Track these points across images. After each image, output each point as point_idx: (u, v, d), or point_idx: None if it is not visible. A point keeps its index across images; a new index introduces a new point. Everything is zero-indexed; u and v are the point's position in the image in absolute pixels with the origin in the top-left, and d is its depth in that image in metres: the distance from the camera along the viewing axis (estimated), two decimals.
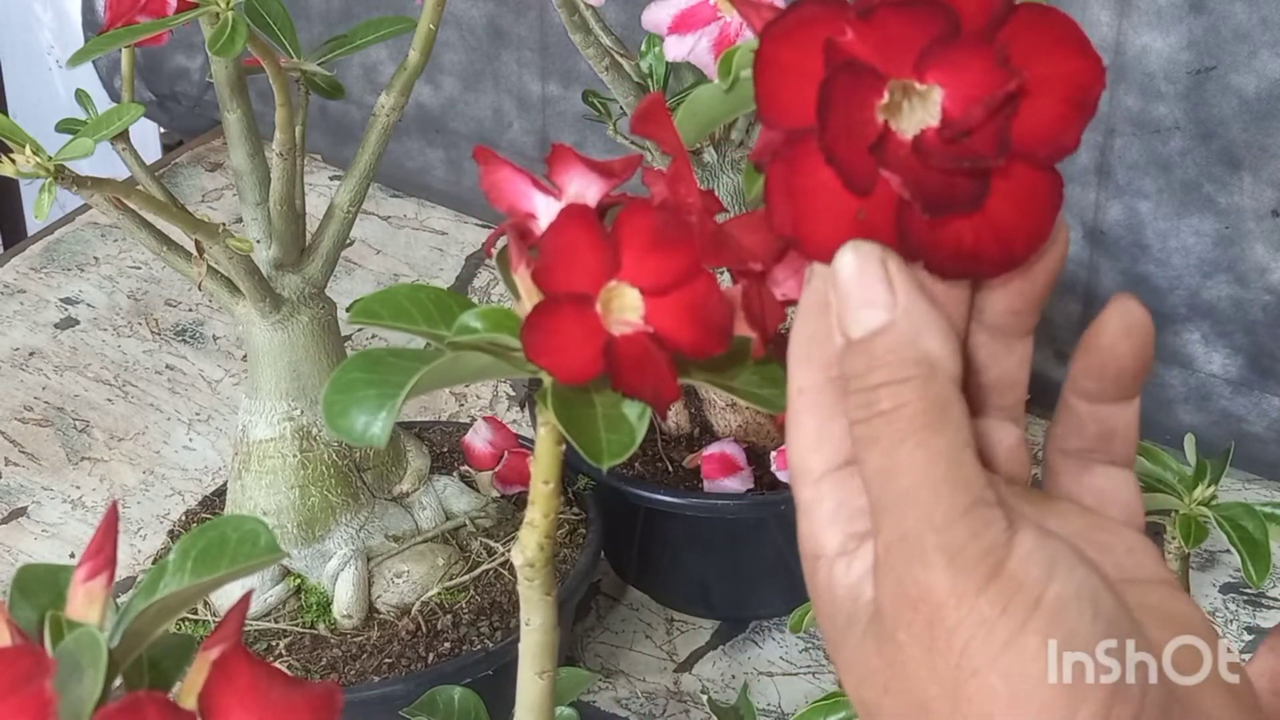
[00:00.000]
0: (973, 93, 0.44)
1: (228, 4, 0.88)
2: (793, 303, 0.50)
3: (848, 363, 0.45)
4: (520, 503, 1.19)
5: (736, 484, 1.20)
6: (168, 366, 1.56)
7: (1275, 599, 1.29)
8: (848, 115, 0.44)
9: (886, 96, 0.44)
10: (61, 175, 0.88)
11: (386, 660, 1.09)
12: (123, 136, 1.00)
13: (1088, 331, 0.48)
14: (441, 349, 0.49)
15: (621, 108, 1.14)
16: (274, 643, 1.10)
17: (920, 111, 0.45)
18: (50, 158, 0.87)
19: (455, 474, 1.21)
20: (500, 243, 0.52)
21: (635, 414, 0.49)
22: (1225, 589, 1.30)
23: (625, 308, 0.48)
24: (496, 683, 1.05)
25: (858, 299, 0.45)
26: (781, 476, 1.18)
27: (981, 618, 0.42)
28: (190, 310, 1.63)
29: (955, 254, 0.45)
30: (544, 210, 0.51)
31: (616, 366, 0.47)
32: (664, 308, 0.47)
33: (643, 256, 0.47)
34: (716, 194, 1.16)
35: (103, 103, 0.97)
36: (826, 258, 0.45)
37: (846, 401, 0.45)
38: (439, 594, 1.12)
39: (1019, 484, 0.49)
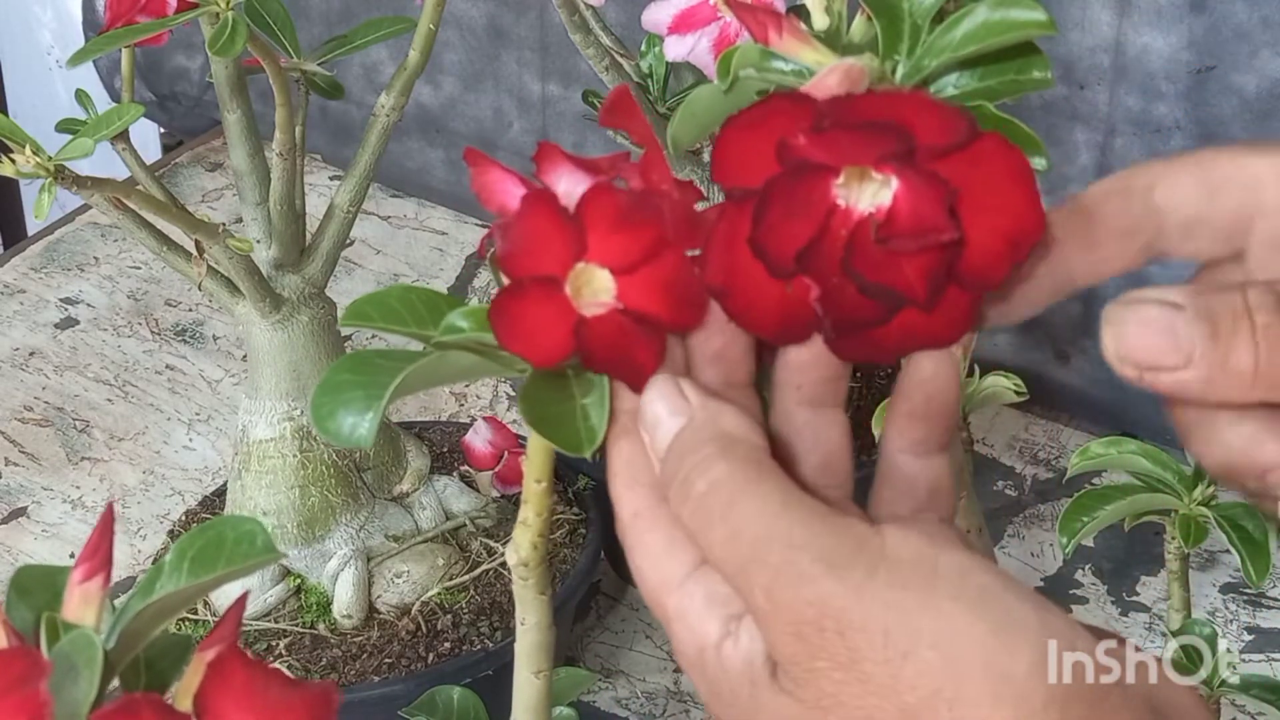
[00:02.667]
0: (920, 207, 0.45)
1: (228, 4, 0.88)
2: None
3: (663, 473, 0.47)
4: (520, 503, 1.19)
5: None
6: (168, 366, 1.56)
7: (1275, 599, 1.29)
8: (792, 204, 0.45)
9: (843, 178, 0.46)
10: (61, 175, 0.88)
11: (386, 660, 1.09)
12: (123, 136, 1.00)
13: (897, 383, 0.49)
14: (430, 349, 0.48)
15: None
16: (274, 643, 1.10)
17: (880, 192, 0.46)
18: (50, 158, 0.87)
19: (455, 474, 1.20)
20: (494, 243, 0.52)
21: (596, 405, 0.49)
22: (1225, 589, 1.30)
23: (598, 290, 0.47)
24: (496, 683, 1.05)
25: (659, 417, 0.47)
26: None
27: (887, 601, 0.42)
28: (190, 310, 1.63)
29: (861, 342, 0.47)
30: None
31: (588, 346, 0.47)
32: (635, 285, 0.47)
33: (608, 236, 0.47)
34: (716, 195, 1.16)
35: (103, 103, 0.97)
36: (746, 321, 0.47)
37: (672, 510, 0.46)
38: (439, 594, 1.12)
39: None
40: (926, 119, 0.44)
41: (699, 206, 0.50)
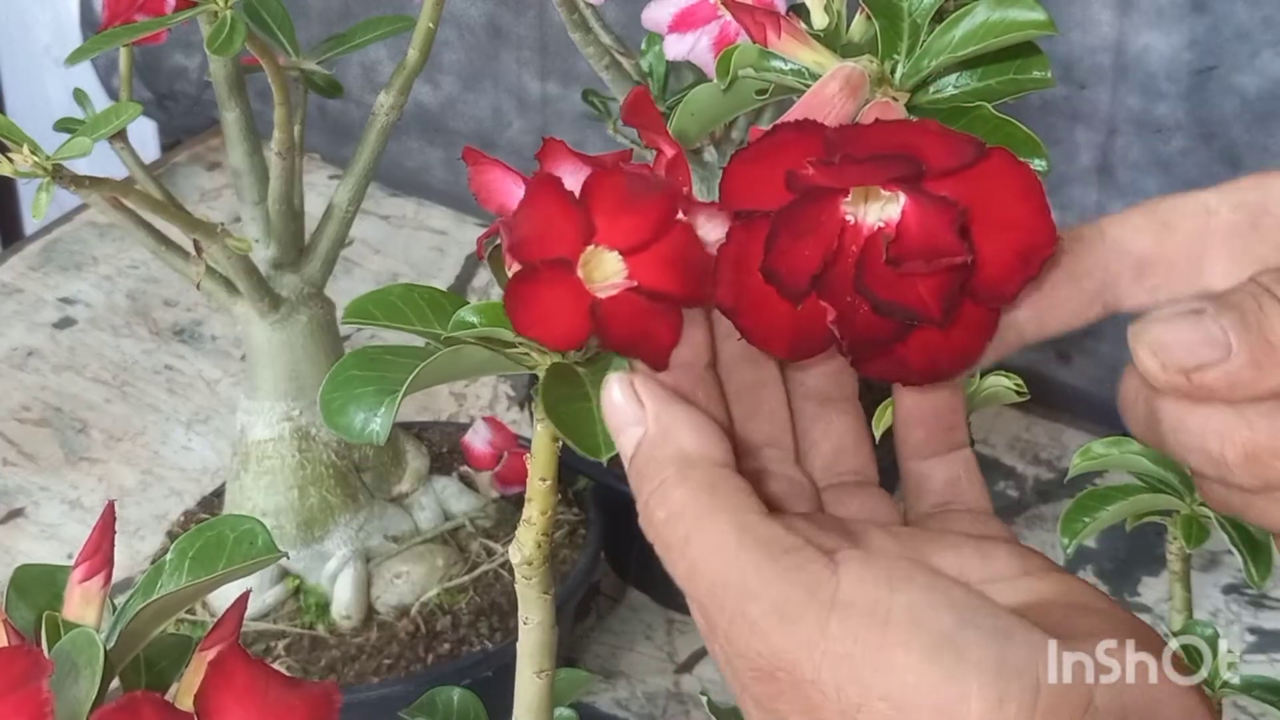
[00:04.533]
0: (929, 227, 0.45)
1: (226, 2, 0.88)
2: None
3: (632, 487, 0.46)
4: (520, 503, 1.19)
5: None
6: (166, 367, 1.56)
7: (1277, 600, 1.29)
8: (801, 225, 0.45)
9: (851, 195, 0.45)
10: (59, 174, 0.87)
11: (385, 661, 1.09)
12: (121, 135, 1.00)
13: (894, 391, 0.49)
14: (439, 346, 0.48)
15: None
16: (273, 644, 1.10)
17: (887, 206, 0.45)
18: (48, 157, 0.87)
19: (455, 474, 1.20)
20: (493, 242, 0.51)
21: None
22: (1227, 590, 1.29)
23: (609, 273, 0.47)
24: (496, 684, 1.04)
25: (619, 423, 0.46)
26: None
27: (838, 655, 0.42)
28: (189, 310, 1.63)
29: (887, 362, 0.47)
30: None
31: (605, 325, 0.46)
32: (645, 263, 0.47)
33: (614, 218, 0.47)
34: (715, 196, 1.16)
35: (101, 102, 0.97)
36: (758, 339, 0.47)
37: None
38: (438, 595, 1.12)
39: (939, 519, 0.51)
40: (934, 147, 0.44)
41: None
